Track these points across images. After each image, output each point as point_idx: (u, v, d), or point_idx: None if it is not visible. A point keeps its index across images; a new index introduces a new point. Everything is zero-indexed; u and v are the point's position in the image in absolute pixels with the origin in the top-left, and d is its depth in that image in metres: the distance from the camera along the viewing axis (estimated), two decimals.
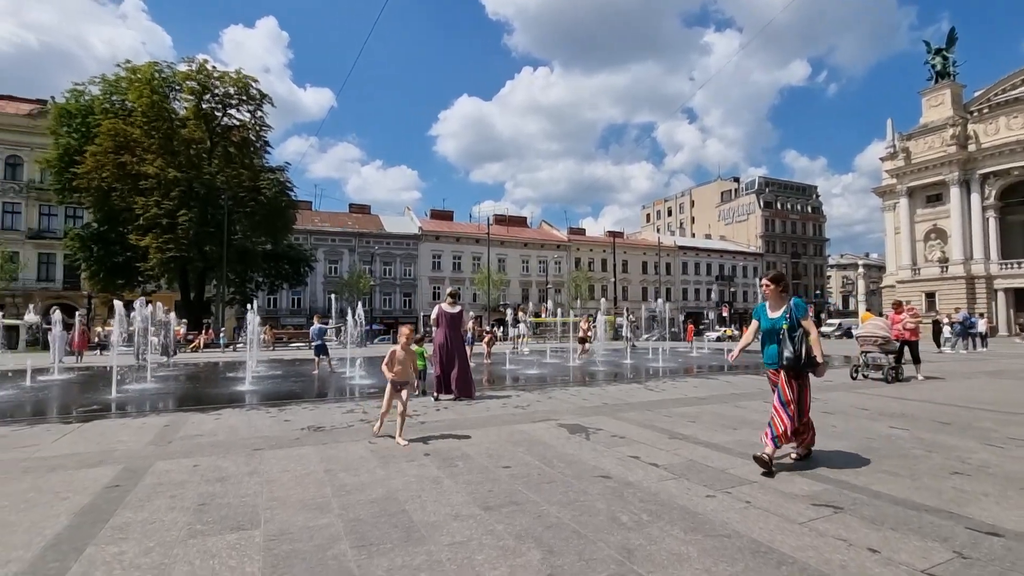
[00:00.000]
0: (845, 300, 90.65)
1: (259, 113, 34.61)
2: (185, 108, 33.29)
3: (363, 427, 5.77)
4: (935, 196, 45.37)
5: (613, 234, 70.39)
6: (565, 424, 5.89)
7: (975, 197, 42.28)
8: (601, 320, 17.78)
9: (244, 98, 33.59)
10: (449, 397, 7.75)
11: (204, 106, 32.95)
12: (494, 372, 13.20)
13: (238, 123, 34.74)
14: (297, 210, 39.72)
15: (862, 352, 10.32)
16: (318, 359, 13.01)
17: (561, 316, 35.16)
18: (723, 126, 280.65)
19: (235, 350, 25.39)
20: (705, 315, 61.86)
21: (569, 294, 57.80)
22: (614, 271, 57.61)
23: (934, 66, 46.30)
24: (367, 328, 27.27)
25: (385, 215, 62.56)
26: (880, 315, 14.52)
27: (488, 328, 21.32)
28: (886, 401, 7.51)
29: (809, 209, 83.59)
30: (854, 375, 10.31)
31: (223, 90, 33.00)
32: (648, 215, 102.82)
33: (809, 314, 4.05)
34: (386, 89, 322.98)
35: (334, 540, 2.72)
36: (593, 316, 18.96)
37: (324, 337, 13.45)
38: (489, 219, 58.66)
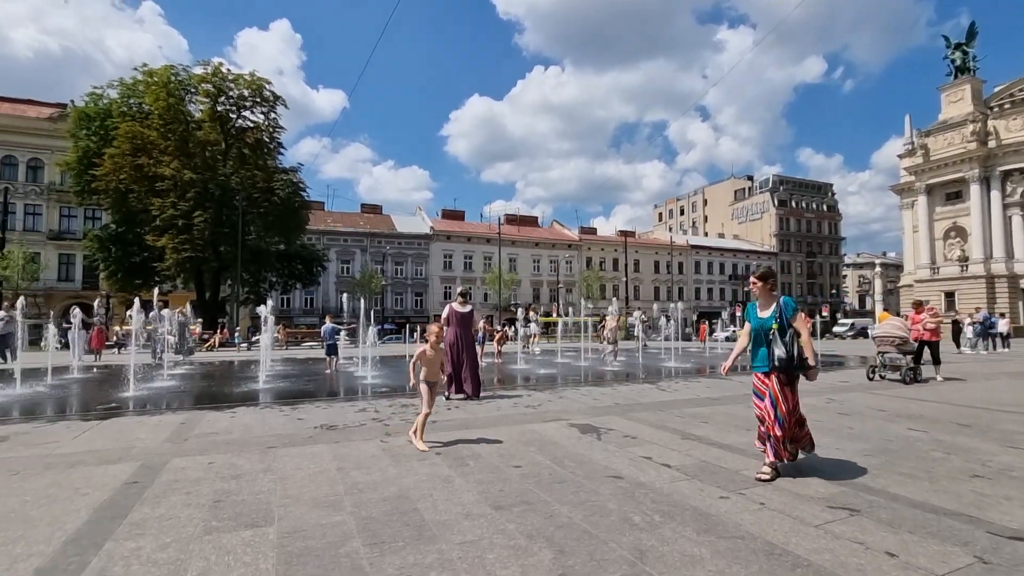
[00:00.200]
0: (862, 299, 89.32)
1: (273, 115, 34.98)
2: (200, 110, 33.76)
3: (375, 426, 5.81)
4: (954, 194, 44.51)
5: (625, 233, 70.03)
6: (576, 424, 5.87)
7: (996, 194, 41.40)
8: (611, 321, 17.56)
9: (258, 100, 33.97)
10: (460, 396, 7.77)
11: (219, 108, 33.39)
12: (505, 371, 13.21)
13: (252, 125, 35.13)
14: (310, 210, 40.08)
15: (879, 352, 10.15)
16: (329, 358, 13.12)
17: (572, 316, 35.06)
18: (737, 124, 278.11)
19: (249, 349, 25.71)
20: (719, 315, 61.33)
21: (580, 294, 57.61)
22: (626, 271, 57.31)
23: (953, 61, 45.43)
24: (378, 328, 27.44)
25: (397, 215, 62.91)
26: (898, 315, 14.25)
27: (499, 327, 21.33)
28: (904, 402, 7.38)
29: (824, 207, 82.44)
30: (871, 376, 10.15)
31: (237, 92, 33.42)
32: (660, 214, 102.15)
33: (800, 314, 3.84)
34: (398, 90, 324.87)
35: (346, 538, 2.74)
36: (620, 313, 18.50)
37: (336, 337, 13.56)
38: (500, 219, 58.79)
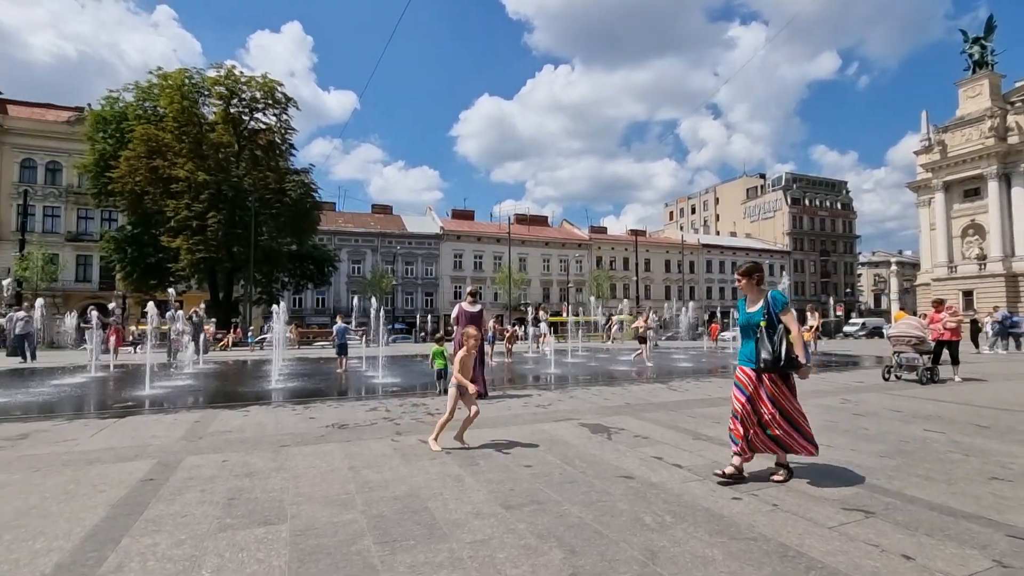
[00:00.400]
0: (877, 299, 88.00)
1: (284, 116, 35.33)
2: (214, 113, 34.18)
3: (386, 425, 5.84)
4: (973, 191, 43.69)
5: (635, 232, 69.73)
6: (587, 424, 5.85)
7: (1016, 191, 40.53)
8: (616, 320, 17.42)
9: (270, 102, 34.30)
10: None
11: (232, 110, 33.78)
12: (515, 371, 13.21)
13: (264, 126, 35.49)
14: (321, 211, 40.40)
15: (895, 352, 9.99)
16: (340, 358, 13.22)
17: (582, 315, 34.97)
18: (749, 121, 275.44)
19: (262, 348, 25.98)
20: (729, 314, 60.85)
21: (590, 293, 57.45)
22: (636, 270, 57.04)
23: (971, 55, 44.56)
24: (388, 327, 27.63)
25: (407, 215, 63.22)
26: (914, 314, 14.02)
27: (509, 327, 21.35)
28: (920, 403, 7.26)
29: (839, 205, 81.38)
30: (886, 376, 10.00)
31: (250, 94, 33.77)
32: (671, 213, 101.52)
33: (790, 308, 3.66)
34: (408, 90, 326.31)
35: (358, 536, 2.76)
36: (650, 311, 18.11)
37: (347, 336, 13.66)
38: (510, 218, 58.86)
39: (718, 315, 33.86)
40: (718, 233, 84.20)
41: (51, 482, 3.77)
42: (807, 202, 78.29)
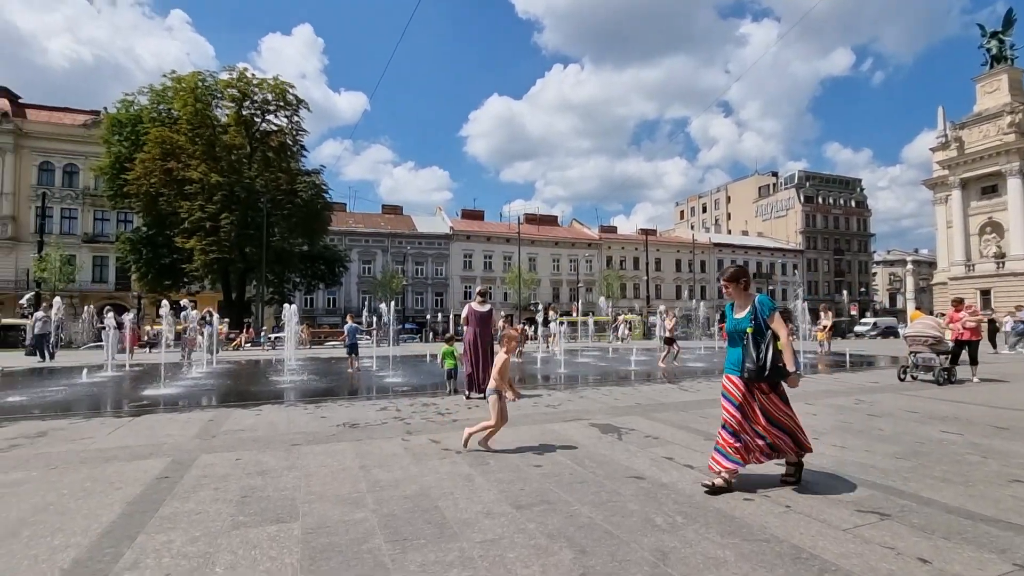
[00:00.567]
0: (892, 298, 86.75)
1: (296, 118, 35.67)
2: (226, 115, 34.58)
3: (397, 424, 5.87)
4: (990, 188, 42.91)
5: (645, 232, 69.36)
6: (597, 424, 5.83)
7: None
8: (621, 319, 17.21)
9: (281, 104, 34.65)
10: (480, 396, 7.79)
11: (244, 113, 34.16)
12: (525, 371, 13.20)
13: (276, 128, 35.84)
14: (332, 212, 40.72)
15: (911, 352, 9.84)
16: (351, 357, 13.30)
17: (593, 315, 34.87)
18: (761, 119, 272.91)
19: (274, 348, 26.22)
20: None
21: (600, 293, 57.25)
22: (647, 269, 56.76)
23: (989, 50, 43.79)
24: (399, 327, 27.78)
25: (417, 215, 63.45)
26: (931, 313, 13.79)
27: (519, 327, 21.33)
28: (937, 404, 7.14)
29: (853, 203, 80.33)
30: (902, 376, 9.85)
31: (262, 97, 34.14)
32: (682, 212, 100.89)
33: (777, 314, 3.49)
34: (418, 91, 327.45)
35: (369, 534, 2.78)
36: (676, 312, 17.77)
37: (357, 336, 13.74)
38: (520, 218, 58.80)
39: None
40: (730, 232, 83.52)
41: (68, 479, 3.83)
42: (820, 200, 77.37)
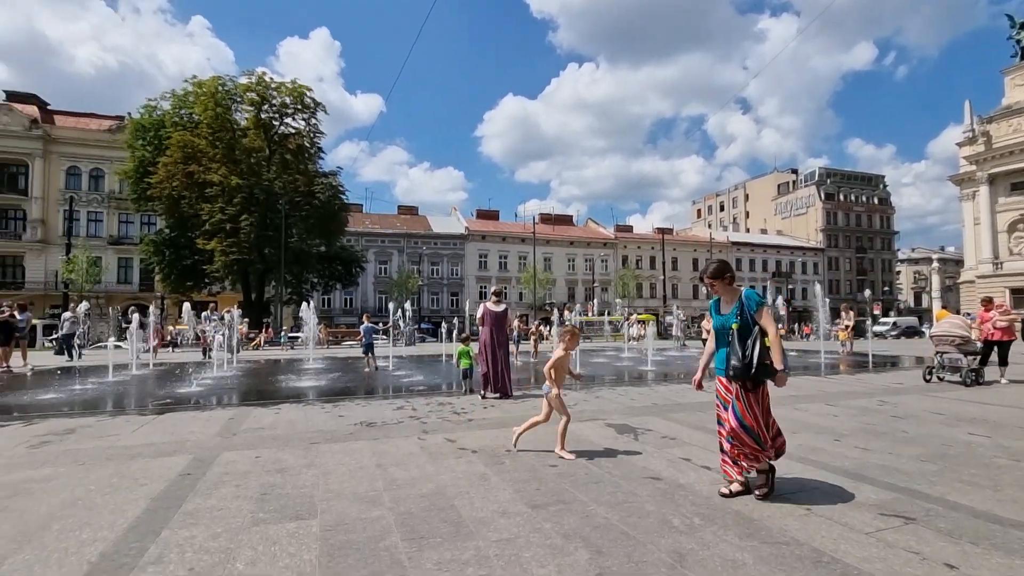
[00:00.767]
0: (917, 297, 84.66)
1: (313, 120, 36.16)
2: (246, 119, 35.18)
3: (413, 424, 5.91)
4: (1020, 183, 41.61)
5: (662, 231, 68.75)
6: (613, 424, 5.81)
7: None
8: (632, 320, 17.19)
9: (299, 107, 35.18)
10: (495, 396, 7.81)
11: (263, 116, 34.74)
12: (540, 371, 13.18)
13: (294, 131, 36.35)
14: (349, 213, 41.15)
15: (937, 352, 9.60)
16: (368, 357, 13.43)
17: (608, 315, 34.68)
18: (780, 115, 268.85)
19: (292, 348, 26.60)
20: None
21: (616, 292, 56.93)
22: (663, 269, 56.23)
23: (1018, 41, 42.46)
24: (415, 327, 27.99)
25: (432, 216, 63.76)
26: (957, 312, 13.42)
27: (534, 326, 21.32)
28: (964, 405, 6.95)
29: (876, 200, 78.53)
30: (927, 377, 9.61)
31: (280, 100, 34.69)
32: (699, 210, 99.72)
33: (765, 308, 3.30)
34: (433, 92, 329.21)
35: (386, 532, 2.80)
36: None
37: (374, 336, 13.86)
38: (535, 218, 58.75)
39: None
40: (748, 231, 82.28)
41: (96, 475, 3.94)
42: (842, 197, 75.79)
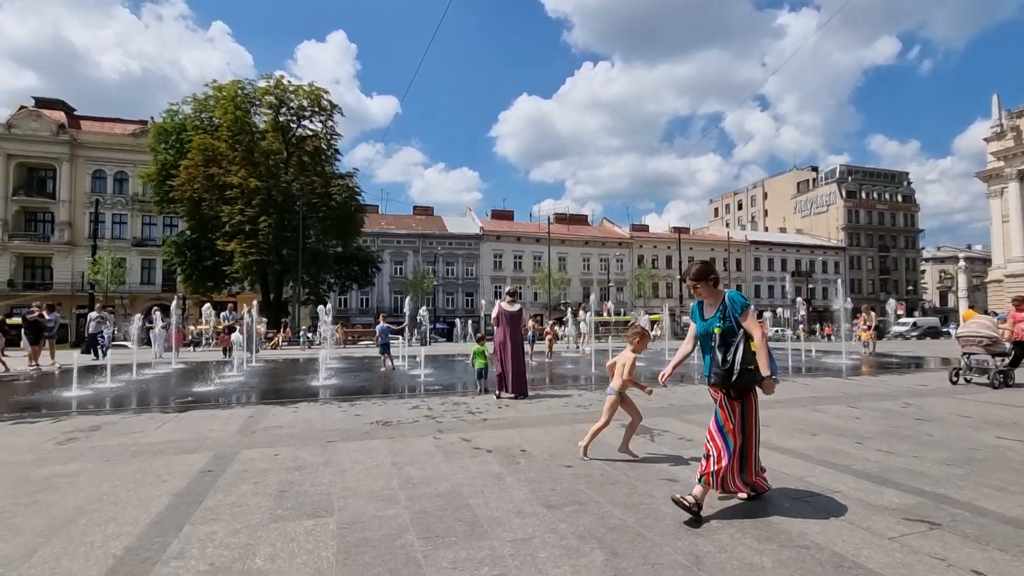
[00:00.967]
0: (943, 296, 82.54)
1: (330, 123, 36.62)
2: (264, 121, 35.76)
3: (428, 423, 5.94)
4: None
5: (678, 230, 68.10)
6: None
7: None
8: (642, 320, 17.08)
9: (316, 109, 35.65)
10: (510, 395, 7.81)
11: (281, 119, 35.28)
12: (555, 371, 13.16)
13: (311, 133, 36.87)
14: (365, 214, 41.57)
15: (964, 354, 9.35)
16: (384, 356, 13.54)
17: (624, 314, 34.45)
18: (799, 112, 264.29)
19: (310, 347, 26.93)
20: (777, 312, 58.53)
21: (632, 292, 56.56)
22: (680, 268, 55.68)
23: None
24: (430, 327, 28.13)
25: (447, 216, 64.04)
26: (985, 312, 13.06)
27: (548, 326, 21.29)
28: (993, 408, 6.76)
29: (899, 197, 76.77)
30: (954, 379, 9.36)
31: (297, 103, 35.20)
32: (716, 209, 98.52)
33: (750, 311, 3.11)
34: (448, 93, 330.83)
35: (402, 530, 2.82)
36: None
37: (390, 336, 13.97)
38: (549, 218, 58.62)
39: (766, 315, 32.61)
40: (767, 229, 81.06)
41: (121, 471, 4.04)
42: (864, 195, 74.23)
